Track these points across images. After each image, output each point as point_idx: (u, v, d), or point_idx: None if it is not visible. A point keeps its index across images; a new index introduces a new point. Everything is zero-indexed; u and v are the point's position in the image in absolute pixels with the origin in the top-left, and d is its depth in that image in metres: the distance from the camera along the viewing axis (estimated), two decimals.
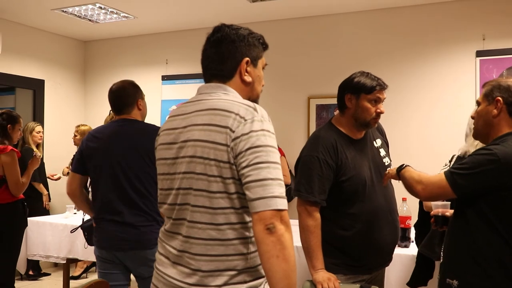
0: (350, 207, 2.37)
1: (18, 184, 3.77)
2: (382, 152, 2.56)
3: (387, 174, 2.37)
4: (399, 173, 2.23)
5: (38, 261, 5.53)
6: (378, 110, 2.40)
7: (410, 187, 2.16)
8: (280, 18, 5.65)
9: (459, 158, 2.76)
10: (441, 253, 2.70)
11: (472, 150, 2.69)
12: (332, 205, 2.37)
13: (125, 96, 2.87)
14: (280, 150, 4.82)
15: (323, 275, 2.26)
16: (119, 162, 2.73)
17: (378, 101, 2.40)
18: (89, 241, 3.29)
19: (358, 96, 2.39)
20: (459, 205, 2.09)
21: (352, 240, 2.37)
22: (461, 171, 1.98)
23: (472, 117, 2.20)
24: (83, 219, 3.87)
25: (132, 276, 2.93)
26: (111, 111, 3.93)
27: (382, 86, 2.40)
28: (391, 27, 5.21)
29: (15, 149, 3.82)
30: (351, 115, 2.43)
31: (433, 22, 5.03)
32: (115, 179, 2.73)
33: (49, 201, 5.83)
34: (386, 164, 2.52)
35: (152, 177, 2.74)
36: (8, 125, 3.84)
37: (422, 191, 2.10)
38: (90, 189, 3.11)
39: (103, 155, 2.77)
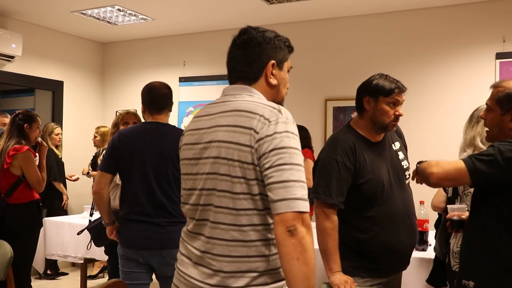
0: (368, 210, 2.36)
1: (39, 182, 3.83)
2: (401, 155, 2.54)
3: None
4: (417, 165, 2.17)
5: (56, 260, 5.59)
6: (397, 113, 2.38)
7: (424, 170, 2.07)
8: (297, 20, 5.65)
9: None
10: (448, 251, 2.73)
11: (459, 156, 2.73)
12: (350, 208, 2.35)
13: (169, 97, 2.93)
14: (309, 152, 4.76)
15: (340, 277, 2.25)
16: (151, 165, 2.76)
17: (396, 103, 2.38)
18: (96, 243, 3.30)
19: (377, 98, 2.37)
20: (476, 204, 2.07)
21: (370, 243, 2.36)
22: (482, 156, 1.93)
23: (482, 117, 2.18)
24: (89, 220, 3.90)
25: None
26: (120, 114, 3.96)
27: (401, 89, 2.38)
28: (410, 29, 5.18)
29: (31, 149, 3.83)
30: (369, 117, 2.41)
31: (453, 24, 4.98)
32: (146, 182, 2.76)
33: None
34: (405, 167, 2.51)
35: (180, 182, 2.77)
36: (25, 125, 3.83)
37: (436, 172, 2.00)
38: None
39: (136, 157, 2.79)
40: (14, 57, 5.60)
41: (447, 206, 2.48)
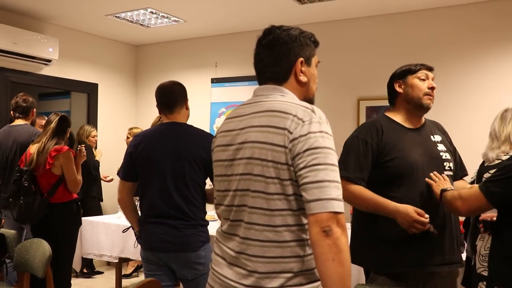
0: (395, 190, 2.31)
1: (76, 182, 3.91)
2: (441, 147, 2.45)
3: (434, 184, 2.28)
4: (442, 193, 2.19)
5: (92, 259, 5.70)
6: (430, 85, 2.38)
7: (450, 204, 2.15)
8: (329, 20, 5.62)
9: (483, 166, 2.86)
10: (475, 254, 2.72)
11: (490, 154, 2.70)
12: (378, 188, 2.32)
13: (178, 93, 2.89)
14: None
15: (403, 208, 2.20)
16: (167, 167, 2.73)
17: (426, 78, 2.40)
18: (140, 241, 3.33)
19: (406, 78, 2.42)
20: (500, 213, 2.06)
21: (395, 227, 2.26)
22: (494, 178, 1.98)
23: None
24: None
25: None
26: (158, 116, 4.00)
27: (427, 66, 2.42)
28: (448, 25, 5.04)
29: (71, 149, 3.94)
30: (403, 99, 2.42)
31: (496, 19, 4.81)
32: (162, 184, 2.74)
33: (102, 201, 6.00)
34: (444, 157, 2.42)
35: (198, 183, 2.76)
36: (68, 128, 3.99)
37: (462, 206, 2.08)
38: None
39: (152, 159, 2.77)
40: (51, 61, 5.73)
41: None
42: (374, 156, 2.34)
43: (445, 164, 2.41)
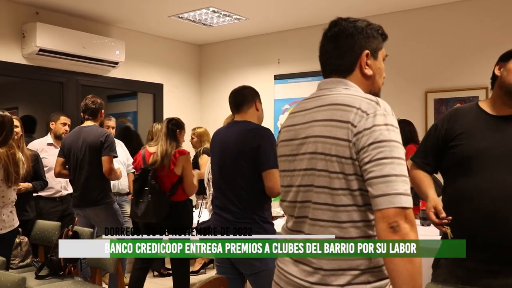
0: (460, 178, 2.18)
1: (193, 184, 4.17)
2: None
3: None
4: None
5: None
6: None
7: None
8: (393, 11, 5.46)
9: None
10: None
11: None
12: (447, 175, 2.30)
13: (244, 94, 3.01)
14: (415, 148, 4.55)
15: (428, 204, 2.22)
16: (223, 163, 2.89)
17: None
18: None
19: (507, 61, 2.20)
20: None
21: (455, 219, 2.13)
22: None
23: None
24: (198, 221, 4.01)
25: None
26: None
27: None
28: None
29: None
30: (498, 85, 2.22)
31: None
32: (221, 179, 2.90)
33: None
34: None
35: (251, 179, 2.81)
36: (177, 130, 4.23)
37: None
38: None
39: (215, 154, 2.98)
40: (118, 63, 5.92)
41: None
42: (441, 141, 2.28)
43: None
